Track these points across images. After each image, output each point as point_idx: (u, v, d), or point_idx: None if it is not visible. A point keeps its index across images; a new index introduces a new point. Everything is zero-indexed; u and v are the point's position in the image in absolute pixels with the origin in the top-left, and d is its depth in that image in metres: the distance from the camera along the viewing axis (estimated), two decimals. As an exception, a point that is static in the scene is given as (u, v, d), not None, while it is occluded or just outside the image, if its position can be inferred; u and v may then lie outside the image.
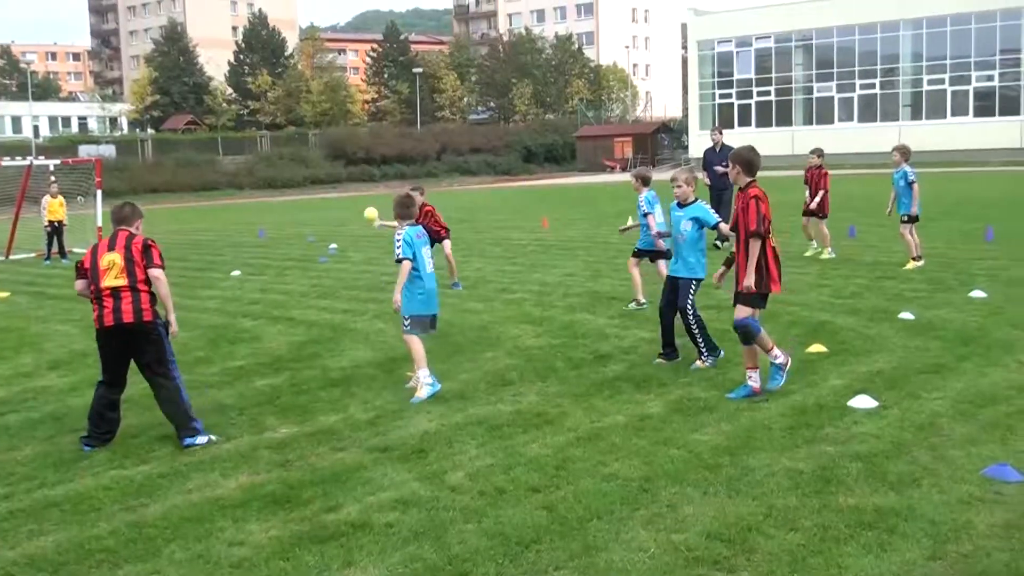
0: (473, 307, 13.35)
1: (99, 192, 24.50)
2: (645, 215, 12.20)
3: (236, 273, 18.39)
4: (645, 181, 12.32)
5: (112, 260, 7.37)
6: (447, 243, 15.45)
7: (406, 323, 8.71)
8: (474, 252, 20.73)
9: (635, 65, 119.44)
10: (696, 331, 9.31)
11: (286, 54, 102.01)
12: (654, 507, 5.78)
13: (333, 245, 23.05)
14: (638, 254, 12.64)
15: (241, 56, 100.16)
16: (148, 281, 7.38)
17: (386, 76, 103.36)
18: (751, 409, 7.75)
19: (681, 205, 9.44)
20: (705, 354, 9.34)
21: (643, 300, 12.60)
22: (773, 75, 72.22)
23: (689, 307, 9.29)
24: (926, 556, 4.99)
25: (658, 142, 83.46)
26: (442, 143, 78.98)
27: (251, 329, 12.41)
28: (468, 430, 7.49)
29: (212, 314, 13.57)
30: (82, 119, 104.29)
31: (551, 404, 8.17)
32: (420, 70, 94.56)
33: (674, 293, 9.39)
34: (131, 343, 7.34)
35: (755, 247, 7.97)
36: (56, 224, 23.53)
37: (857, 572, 4.83)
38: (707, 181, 19.09)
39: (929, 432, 7.01)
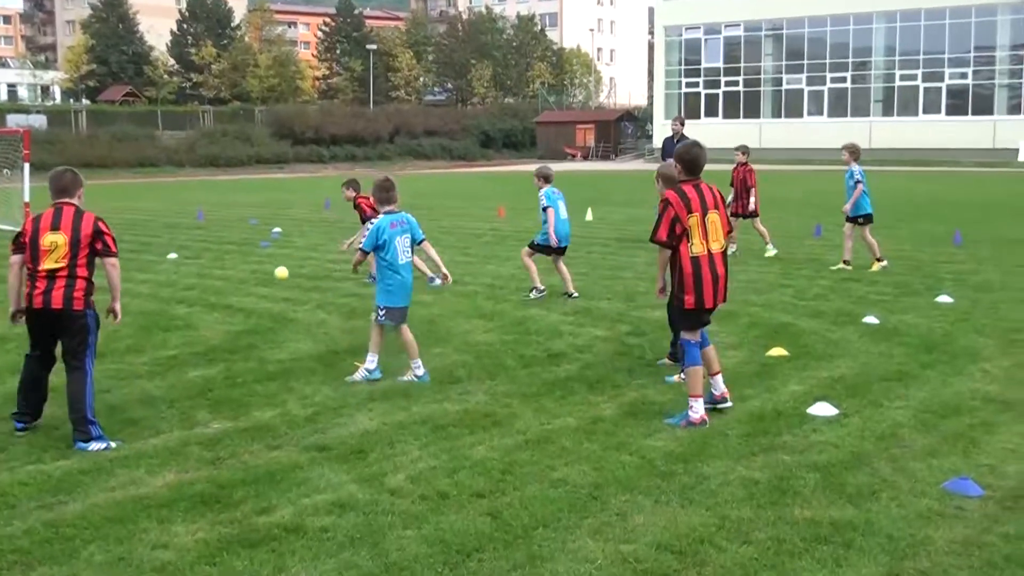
0: (422, 299, 13.24)
1: (27, 166, 23.97)
2: (544, 209, 12.93)
3: (172, 256, 18.16)
4: (547, 179, 13.05)
5: (55, 241, 7.14)
6: None
7: (381, 313, 8.98)
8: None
9: (599, 49, 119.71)
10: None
11: (233, 25, 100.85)
12: (603, 516, 5.78)
13: (276, 229, 22.85)
14: (534, 247, 13.22)
15: (184, 25, 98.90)
16: (90, 266, 7.22)
17: (338, 52, 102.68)
18: (707, 415, 7.77)
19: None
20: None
21: (542, 287, 13.16)
22: (742, 65, 72.74)
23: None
24: (883, 572, 5.03)
25: (621, 130, 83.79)
26: (396, 124, 78.56)
27: (185, 316, 12.25)
28: (411, 430, 7.44)
29: (145, 299, 13.38)
30: (11, 87, 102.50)
31: (500, 404, 8.15)
32: (374, 47, 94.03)
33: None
34: (57, 328, 7.28)
35: (660, 255, 7.80)
36: (-22, 199, 23.09)
37: (811, 588, 4.86)
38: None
39: (890, 442, 7.07)
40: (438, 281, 14.17)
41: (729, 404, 7.90)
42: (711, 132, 67.76)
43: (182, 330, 11.40)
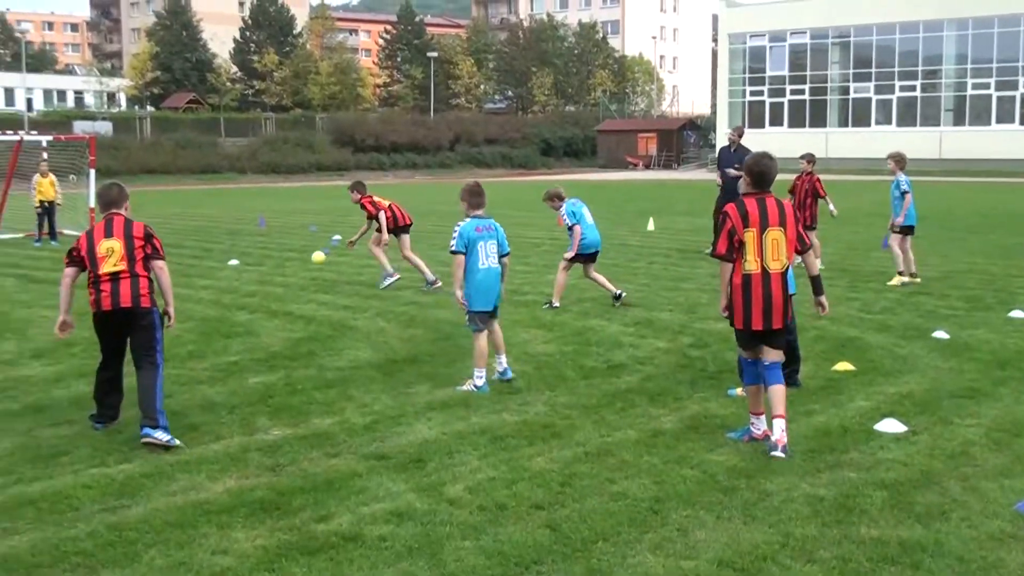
0: (481, 308, 13.32)
1: (92, 171, 24.46)
2: (571, 228, 13.23)
3: (234, 262, 18.40)
4: (559, 197, 13.39)
5: (111, 247, 7.57)
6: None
7: (467, 320, 9.29)
8: (485, 249, 20.66)
9: (662, 57, 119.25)
10: (796, 343, 9.05)
11: (294, 32, 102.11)
12: (664, 531, 5.74)
13: (336, 236, 23.02)
14: (574, 259, 13.37)
15: (247, 33, 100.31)
16: (147, 267, 7.66)
17: (399, 60, 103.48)
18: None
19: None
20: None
21: (556, 303, 13.34)
22: (808, 73, 72.01)
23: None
24: (952, 595, 4.94)
25: (684, 139, 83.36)
26: (456, 132, 79.01)
27: (246, 323, 12.41)
28: (470, 440, 7.47)
29: (206, 305, 13.58)
30: (78, 93, 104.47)
31: (559, 415, 8.14)
32: (435, 54, 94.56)
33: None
34: (126, 327, 7.60)
35: (722, 270, 7.39)
36: (47, 204, 23.58)
37: (878, 609, 4.79)
38: (719, 181, 19.02)
39: (960, 461, 6.95)
40: (439, 284, 14.41)
41: (775, 450, 7.07)
42: (776, 141, 67.26)
43: (243, 336, 11.55)
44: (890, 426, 7.69)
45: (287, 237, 23.93)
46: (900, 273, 15.29)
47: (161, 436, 7.24)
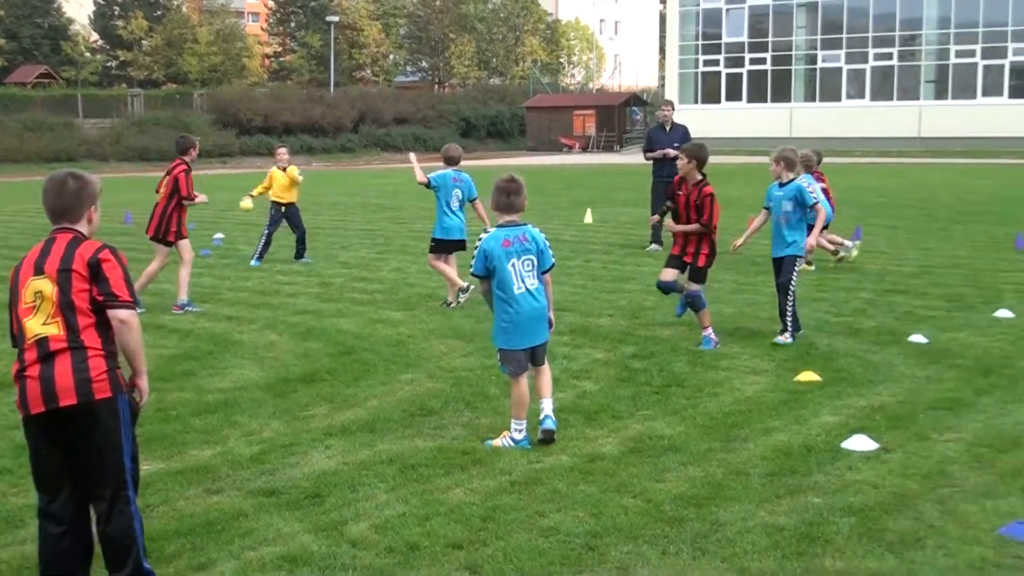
0: (389, 316, 13.36)
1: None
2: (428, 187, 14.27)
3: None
4: (450, 160, 14.51)
5: (40, 289, 5.31)
6: None
7: (499, 359, 8.33)
8: (393, 247, 20.74)
9: (602, 21, 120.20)
10: (791, 308, 11.47)
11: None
12: (601, 569, 5.84)
13: (218, 235, 22.89)
14: (438, 246, 14.19)
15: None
16: (102, 328, 5.35)
17: (293, 25, 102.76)
18: (725, 451, 7.85)
19: (781, 185, 11.62)
20: (790, 331, 11.41)
21: (465, 284, 13.75)
22: (770, 40, 73.08)
23: (792, 284, 11.47)
24: (926, 633, 5.10)
25: (628, 117, 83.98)
26: (360, 111, 78.70)
27: (110, 338, 12.27)
28: (376, 470, 7.50)
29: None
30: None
31: (481, 439, 8.20)
32: (336, 19, 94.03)
33: (780, 271, 11.61)
34: (74, 435, 5.31)
35: (709, 236, 11.25)
36: None
37: (843, 652, 4.93)
38: (648, 158, 20.56)
39: (938, 482, 7.15)
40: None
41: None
42: (733, 119, 68.37)
43: (106, 354, 11.42)
44: (859, 444, 7.88)
45: (159, 236, 23.66)
46: (835, 253, 17.08)
47: None
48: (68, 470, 5.34)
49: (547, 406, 8.21)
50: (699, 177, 11.22)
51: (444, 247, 14.12)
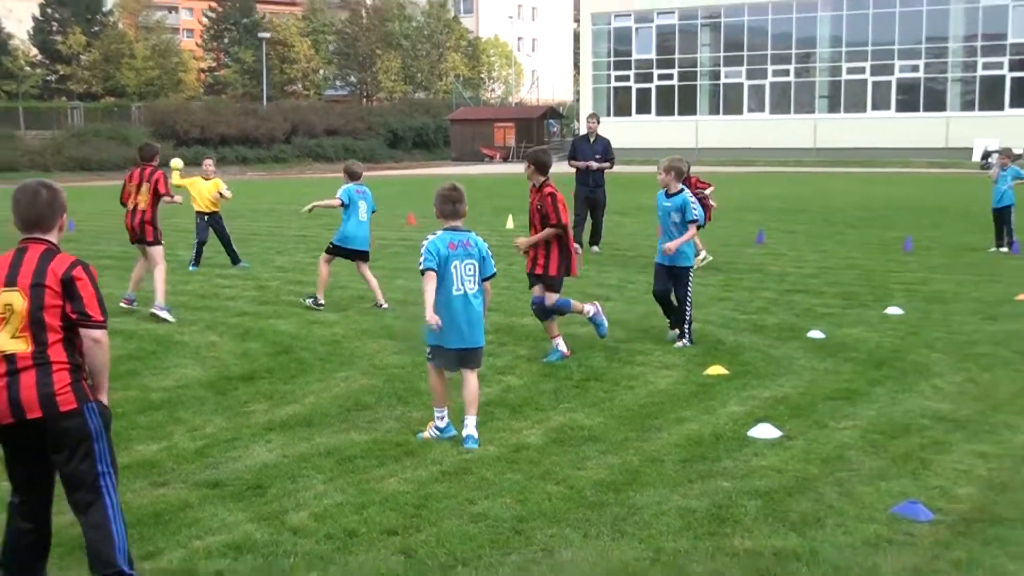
0: (324, 318, 13.29)
1: None
2: (345, 207, 13.96)
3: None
4: (353, 176, 14.31)
5: (10, 303, 5.07)
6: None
7: (428, 352, 8.20)
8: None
9: (520, 39, 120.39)
10: (689, 315, 11.30)
11: (104, 10, 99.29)
12: (528, 552, 5.89)
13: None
14: (335, 250, 14.12)
15: (49, 10, 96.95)
16: (69, 343, 5.15)
17: (226, 41, 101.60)
18: (640, 440, 7.95)
19: (668, 195, 11.33)
20: (688, 335, 11.26)
21: (322, 301, 13.94)
22: (676, 56, 73.67)
23: (690, 294, 11.32)
24: (827, 605, 5.22)
25: (546, 128, 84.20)
26: (292, 123, 77.96)
27: (56, 340, 12.08)
28: (314, 462, 7.48)
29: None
30: None
31: (413, 432, 8.21)
32: (267, 35, 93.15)
33: (671, 280, 11.30)
34: (45, 444, 5.16)
35: (557, 237, 10.61)
36: None
37: (752, 623, 5.03)
38: (571, 165, 20.74)
39: (836, 466, 7.31)
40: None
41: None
42: (643, 131, 68.78)
43: (52, 356, 11.25)
44: (764, 432, 8.02)
45: (102, 242, 23.30)
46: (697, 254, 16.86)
47: None
48: (40, 473, 5.21)
49: (470, 424, 7.98)
50: (542, 179, 10.73)
51: (343, 253, 14.08)
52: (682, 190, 11.40)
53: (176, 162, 18.53)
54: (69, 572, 5.63)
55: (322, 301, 13.89)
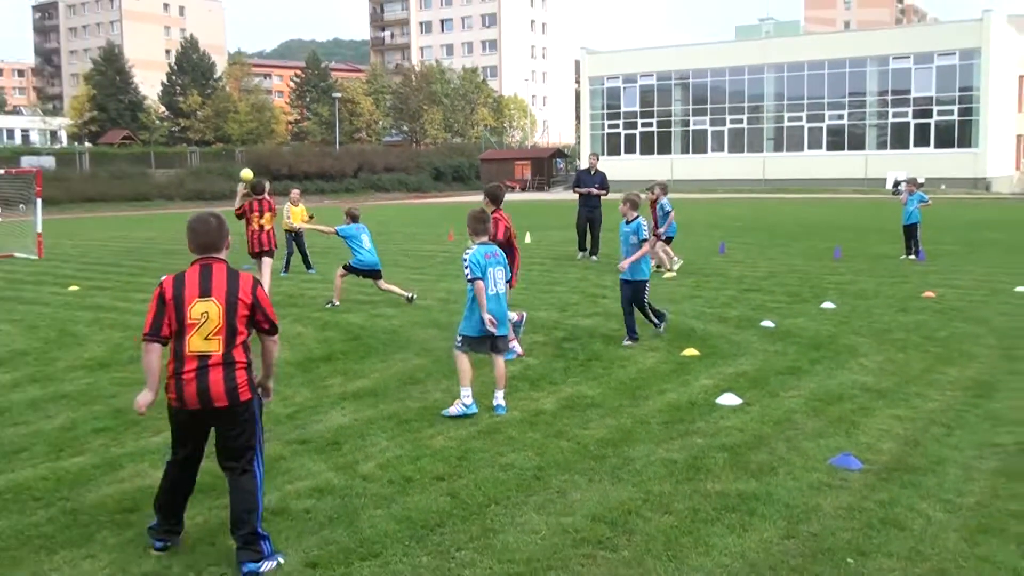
0: (385, 312, 13.27)
1: (39, 201, 23.83)
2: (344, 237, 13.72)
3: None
4: (353, 218, 13.94)
5: (206, 311, 4.89)
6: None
7: (458, 340, 7.98)
8: (387, 262, 20.53)
9: (534, 96, 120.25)
10: (649, 310, 10.89)
11: (215, 76, 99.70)
12: (545, 493, 5.84)
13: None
14: (350, 269, 13.74)
15: (173, 77, 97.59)
16: (244, 345, 4.99)
17: (308, 100, 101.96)
18: (632, 406, 7.88)
19: (627, 222, 10.75)
20: (659, 323, 10.94)
21: (337, 303, 13.71)
22: (655, 108, 73.36)
23: (646, 301, 10.79)
24: (781, 535, 5.15)
25: (554, 165, 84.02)
26: (359, 162, 78.02)
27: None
28: (379, 424, 7.45)
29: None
30: (24, 132, 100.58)
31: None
32: (339, 95, 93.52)
33: (632, 293, 10.67)
34: (217, 424, 5.07)
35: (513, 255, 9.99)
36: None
37: (722, 550, 4.97)
38: (575, 191, 21.03)
39: (785, 426, 7.23)
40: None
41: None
42: (629, 166, 68.63)
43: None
44: (729, 399, 7.94)
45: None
46: (670, 269, 16.86)
47: (267, 566, 4.90)
48: (201, 443, 5.14)
49: (499, 395, 7.89)
50: (493, 209, 9.91)
51: (359, 272, 13.69)
52: (637, 217, 10.67)
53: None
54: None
55: (337, 303, 13.67)
